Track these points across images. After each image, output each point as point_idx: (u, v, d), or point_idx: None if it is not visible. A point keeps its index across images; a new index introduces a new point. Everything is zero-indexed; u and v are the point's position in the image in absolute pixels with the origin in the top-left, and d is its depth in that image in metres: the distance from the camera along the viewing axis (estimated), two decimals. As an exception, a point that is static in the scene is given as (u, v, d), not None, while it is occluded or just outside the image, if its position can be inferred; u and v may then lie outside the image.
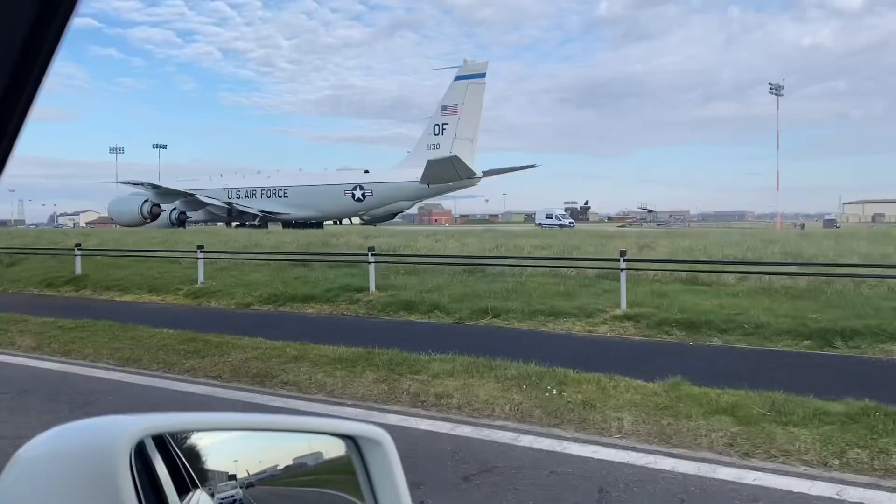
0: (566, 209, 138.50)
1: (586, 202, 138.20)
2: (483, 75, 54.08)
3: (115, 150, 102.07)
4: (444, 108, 54.20)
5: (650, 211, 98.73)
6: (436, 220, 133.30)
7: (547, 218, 75.54)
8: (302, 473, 1.07)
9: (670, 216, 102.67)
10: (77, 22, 0.78)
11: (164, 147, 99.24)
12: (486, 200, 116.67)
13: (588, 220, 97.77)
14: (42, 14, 0.75)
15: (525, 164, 62.39)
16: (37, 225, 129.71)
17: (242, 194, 56.97)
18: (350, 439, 1.08)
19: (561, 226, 64.46)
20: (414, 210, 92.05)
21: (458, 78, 53.88)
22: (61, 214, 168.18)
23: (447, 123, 53.72)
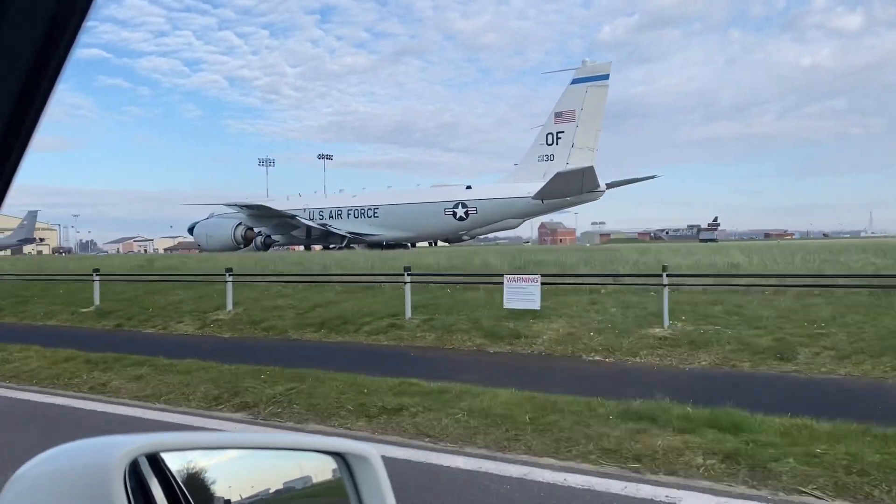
0: (689, 227, 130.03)
1: (715, 219, 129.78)
2: (606, 76, 53.04)
3: (265, 162, 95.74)
4: (558, 114, 53.72)
5: None
6: (560, 240, 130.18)
7: None
8: (291, 497, 1.22)
9: None
10: (84, 53, 0.90)
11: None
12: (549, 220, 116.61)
13: (716, 240, 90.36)
14: (46, 41, 0.85)
15: (646, 176, 61.37)
16: (106, 252, 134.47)
17: (326, 215, 59.32)
18: (339, 456, 1.23)
19: None
20: (521, 231, 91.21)
21: (574, 81, 53.29)
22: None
23: (563, 131, 53.22)
